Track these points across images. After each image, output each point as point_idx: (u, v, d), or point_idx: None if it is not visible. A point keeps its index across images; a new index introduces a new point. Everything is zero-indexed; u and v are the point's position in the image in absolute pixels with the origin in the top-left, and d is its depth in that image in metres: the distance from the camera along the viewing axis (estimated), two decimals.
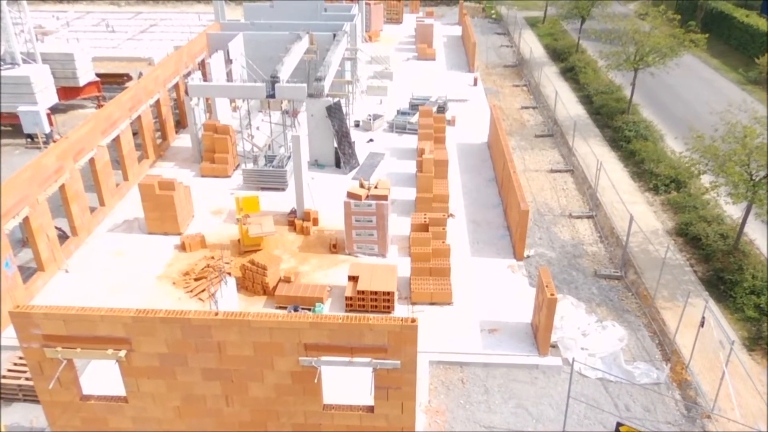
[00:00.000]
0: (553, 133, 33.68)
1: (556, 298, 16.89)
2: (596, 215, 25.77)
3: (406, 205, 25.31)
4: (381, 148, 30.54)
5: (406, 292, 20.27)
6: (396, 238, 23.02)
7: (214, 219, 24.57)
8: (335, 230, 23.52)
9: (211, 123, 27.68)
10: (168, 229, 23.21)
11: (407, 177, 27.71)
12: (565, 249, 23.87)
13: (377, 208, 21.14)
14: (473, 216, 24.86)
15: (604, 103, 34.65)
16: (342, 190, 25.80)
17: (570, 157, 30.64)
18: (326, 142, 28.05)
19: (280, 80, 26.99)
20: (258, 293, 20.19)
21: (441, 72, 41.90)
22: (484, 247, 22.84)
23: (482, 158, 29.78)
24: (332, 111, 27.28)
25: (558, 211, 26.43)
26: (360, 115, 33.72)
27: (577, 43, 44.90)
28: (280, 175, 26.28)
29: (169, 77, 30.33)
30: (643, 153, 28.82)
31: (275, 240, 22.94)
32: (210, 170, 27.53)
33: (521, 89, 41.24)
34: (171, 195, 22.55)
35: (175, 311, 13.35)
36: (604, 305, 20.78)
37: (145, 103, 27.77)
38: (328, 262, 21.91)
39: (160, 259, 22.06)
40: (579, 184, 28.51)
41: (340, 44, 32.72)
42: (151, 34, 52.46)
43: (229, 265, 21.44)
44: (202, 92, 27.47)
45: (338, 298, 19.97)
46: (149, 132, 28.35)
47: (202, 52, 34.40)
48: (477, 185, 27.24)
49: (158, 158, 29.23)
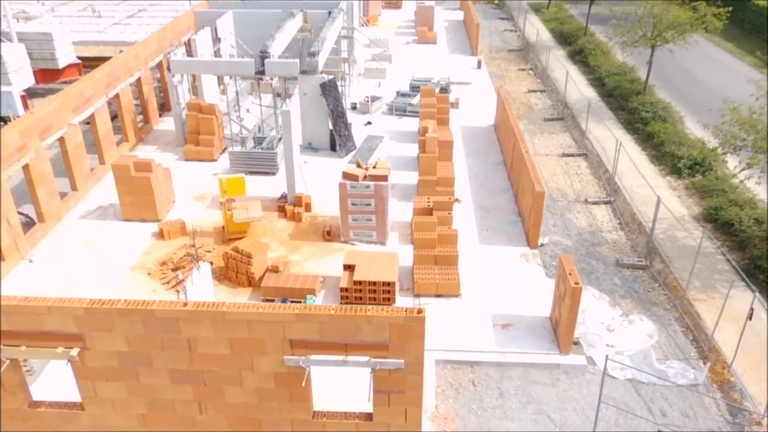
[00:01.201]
0: (563, 116, 31.56)
1: (581, 287, 14.76)
2: (614, 201, 23.64)
3: (407, 190, 23.17)
4: (380, 132, 28.40)
5: (409, 283, 18.14)
6: (396, 224, 20.88)
7: (197, 205, 22.40)
8: (329, 217, 21.38)
9: (196, 102, 25.52)
10: (145, 216, 21.04)
11: (408, 161, 25.57)
12: (582, 237, 21.75)
13: (376, 190, 19.00)
14: (481, 201, 22.72)
15: (617, 84, 32.55)
16: (337, 175, 23.74)
17: (583, 140, 28.52)
18: (320, 123, 25.90)
19: (271, 56, 24.85)
20: (242, 284, 18.06)
21: (443, 55, 39.74)
22: (494, 235, 20.71)
23: (488, 142, 27.65)
24: (327, 89, 25.12)
25: (572, 197, 24.31)
26: (357, 98, 31.56)
27: (585, 25, 42.75)
28: (270, 158, 24.12)
29: (151, 55, 28.14)
30: (663, 135, 26.71)
31: (263, 227, 20.80)
32: (194, 153, 25.36)
33: (527, 73, 39.13)
34: (148, 177, 20.38)
35: (136, 302, 11.21)
36: (628, 297, 18.66)
37: (124, 81, 25.59)
38: (321, 250, 19.78)
39: (136, 247, 19.90)
40: (594, 168, 26.38)
41: (336, 21, 30.56)
42: (139, 19, 50.00)
43: (211, 253, 19.30)
44: (185, 68, 25.30)
45: (332, 289, 17.83)
46: (129, 113, 26.16)
47: (189, 30, 32.24)
48: (484, 169, 25.10)
49: (139, 141, 27.05)
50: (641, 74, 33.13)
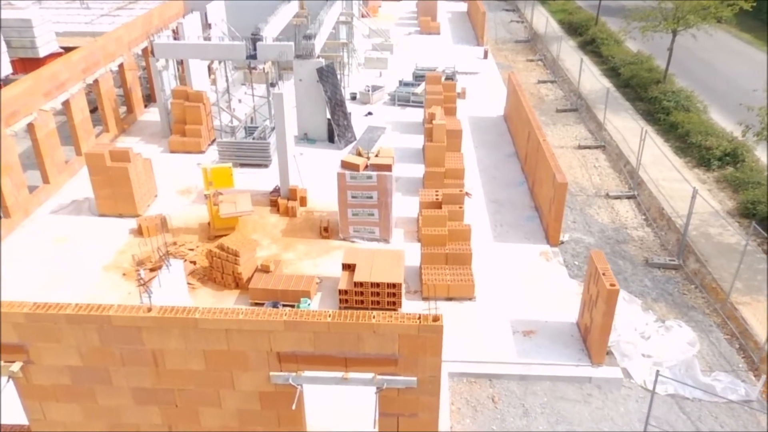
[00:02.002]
0: (576, 107, 29.56)
1: (617, 290, 12.75)
2: (638, 195, 21.64)
3: (412, 184, 21.16)
4: (381, 122, 26.35)
5: (416, 285, 16.12)
6: (401, 220, 18.87)
7: (182, 199, 20.37)
8: (327, 212, 19.38)
9: (182, 89, 23.50)
10: (123, 210, 19.02)
11: (412, 152, 23.57)
12: (605, 234, 19.74)
13: (379, 181, 16.99)
14: (493, 195, 20.70)
15: (633, 74, 30.55)
16: (335, 167, 21.78)
17: (600, 132, 26.52)
18: (317, 111, 23.90)
19: (263, 39, 22.87)
20: (229, 286, 16.04)
21: (447, 45, 37.77)
22: (510, 231, 18.68)
23: (498, 132, 25.63)
24: (324, 74, 23.12)
25: (592, 191, 22.30)
26: (357, 87, 29.56)
27: (596, 15, 40.78)
28: (262, 149, 22.10)
29: (135, 40, 26.16)
30: (688, 125, 24.71)
31: (253, 222, 18.79)
32: (180, 145, 23.33)
33: (536, 64, 37.15)
34: (125, 167, 18.36)
35: (89, 306, 9.18)
36: (662, 300, 16.65)
37: (104, 67, 23.58)
38: (317, 248, 17.76)
39: (111, 245, 17.87)
40: (613, 161, 24.38)
41: (334, 6, 28.60)
42: (129, 10, 48.10)
43: (194, 251, 17.27)
44: (170, 52, 23.30)
45: (330, 292, 15.82)
46: (110, 101, 24.15)
47: (178, 16, 30.23)
48: (495, 161, 23.08)
49: (121, 132, 25.03)
50: (659, 63, 31.17)
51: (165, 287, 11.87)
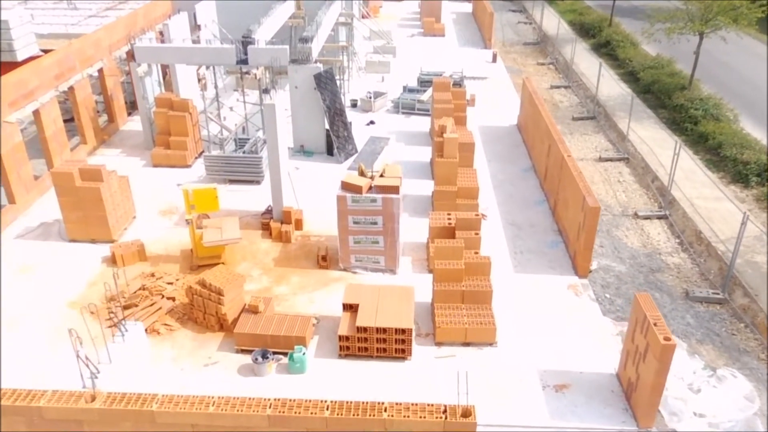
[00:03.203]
0: (594, 115, 27.48)
1: (673, 345, 10.66)
2: (670, 215, 19.56)
3: (419, 203, 19.07)
4: (384, 132, 24.28)
5: (428, 326, 14.02)
6: (408, 246, 16.77)
7: (163, 221, 18.26)
8: (325, 236, 17.28)
9: (166, 97, 21.38)
10: (96, 235, 16.91)
11: (419, 166, 21.46)
12: (637, 260, 17.66)
13: (384, 205, 14.89)
14: (511, 216, 18.59)
15: (654, 79, 28.50)
16: (335, 185, 19.71)
17: (622, 142, 24.43)
18: (314, 121, 21.79)
19: (256, 42, 20.79)
20: (212, 328, 13.92)
21: (452, 48, 35.65)
22: (532, 259, 16.56)
23: (512, 143, 23.52)
24: (322, 81, 21.02)
25: (618, 210, 20.24)
26: (358, 94, 27.47)
27: (610, 16, 38.68)
28: (253, 164, 20.00)
29: (116, 43, 24.04)
30: (720, 136, 22.65)
31: (242, 249, 16.68)
32: (164, 158, 21.21)
33: (547, 68, 35.10)
34: (97, 188, 16.24)
35: (16, 392, 7.06)
36: (708, 342, 14.58)
37: (80, 72, 21.47)
38: (314, 280, 15.64)
39: (81, 276, 15.76)
40: (638, 175, 22.30)
41: (333, 6, 26.51)
42: (118, 11, 45.95)
43: (173, 285, 15.14)
44: (153, 56, 21.17)
45: (329, 334, 13.71)
46: (88, 110, 22.04)
47: (165, 17, 28.12)
48: (510, 177, 20.97)
49: (101, 144, 22.91)
50: (681, 67, 29.12)
51: (119, 361, 9.71)
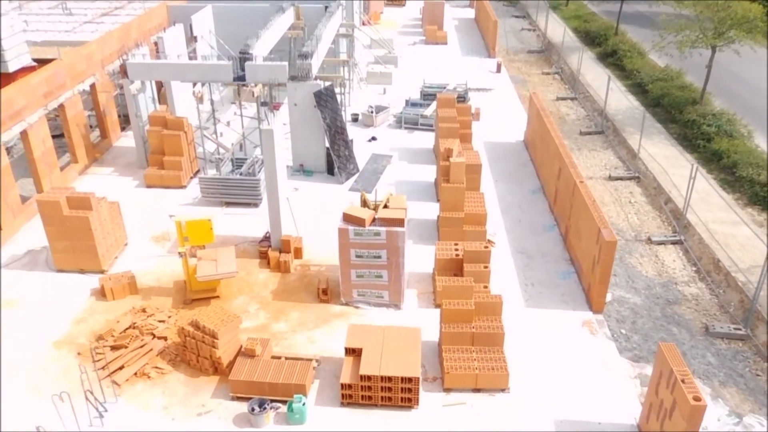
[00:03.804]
0: (603, 129, 26.67)
1: (704, 406, 9.86)
2: (685, 240, 18.76)
3: (424, 228, 18.24)
4: (386, 149, 23.48)
5: (435, 369, 13.21)
6: (413, 277, 15.94)
7: (156, 248, 17.43)
8: (326, 266, 16.47)
9: (160, 115, 20.55)
10: (84, 265, 16.09)
11: (423, 188, 20.63)
12: (652, 291, 16.86)
13: (389, 238, 14.07)
14: (520, 243, 17.76)
15: (664, 92, 27.68)
16: (336, 205, 18.95)
17: (632, 160, 23.62)
18: (314, 140, 20.97)
19: (253, 58, 19.97)
20: (206, 371, 13.11)
21: (455, 57, 34.81)
22: (543, 293, 15.74)
23: (520, 162, 22.67)
24: (323, 98, 20.20)
25: (630, 234, 19.43)
26: (359, 107, 26.65)
27: (616, 24, 37.83)
28: (251, 186, 19.18)
29: (109, 57, 23.19)
30: (734, 155, 21.85)
31: (239, 280, 15.85)
32: (157, 179, 20.38)
33: (552, 78, 34.28)
34: (86, 218, 15.41)
35: None
36: (732, 384, 13.79)
37: (72, 89, 20.63)
38: (315, 316, 14.82)
39: (68, 311, 14.94)
40: (651, 195, 21.49)
41: (333, 17, 25.67)
42: (114, 17, 45.10)
43: (165, 323, 14.32)
44: (146, 73, 20.34)
45: (330, 378, 12.90)
46: (79, 128, 21.19)
47: (160, 28, 27.31)
48: (518, 199, 20.14)
49: (92, 162, 22.06)
50: (690, 79, 28.31)
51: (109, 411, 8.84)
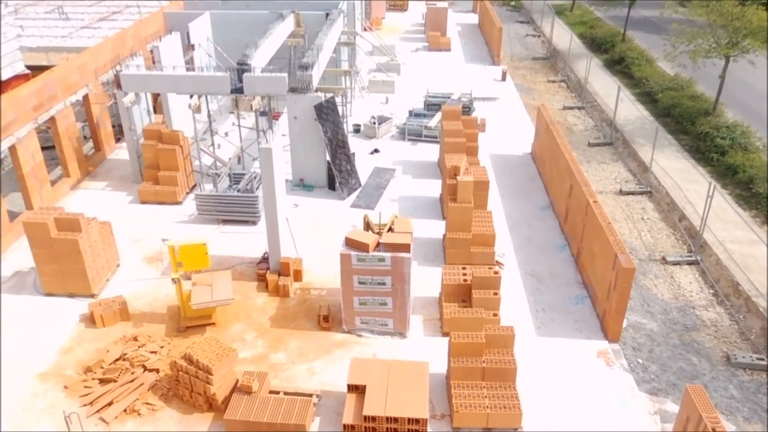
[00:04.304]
0: (612, 140, 25.92)
1: None
2: (701, 260, 18.00)
3: (430, 248, 17.48)
4: (389, 162, 22.74)
5: (443, 405, 12.46)
6: (419, 302, 15.17)
7: (149, 270, 16.67)
8: (327, 289, 15.72)
9: (155, 128, 19.81)
10: (74, 289, 15.35)
11: (428, 204, 19.87)
12: (669, 316, 16.10)
13: (394, 264, 13.31)
14: (529, 264, 17.00)
15: (675, 102, 26.95)
16: (337, 223, 18.29)
17: (644, 173, 22.87)
18: (315, 154, 20.24)
19: (251, 68, 19.22)
20: (200, 408, 12.35)
21: (459, 65, 34.06)
22: (555, 319, 14.97)
23: (527, 176, 21.91)
24: (323, 112, 19.46)
25: (644, 254, 18.68)
26: (361, 117, 25.91)
27: (623, 31, 37.09)
28: (249, 203, 18.43)
29: (103, 67, 22.45)
30: (750, 169, 21.10)
31: (236, 305, 15.08)
32: (152, 194, 19.63)
33: (558, 86, 33.55)
34: (75, 240, 14.66)
35: None
36: (756, 420, 13.02)
37: (63, 101, 19.89)
38: (315, 345, 14.07)
39: (55, 339, 14.19)
40: (664, 212, 20.74)
41: (335, 25, 24.93)
42: (112, 21, 44.27)
43: (157, 354, 13.56)
44: (140, 85, 19.57)
45: (331, 416, 12.15)
46: (71, 141, 20.46)
47: (157, 35, 26.59)
48: (527, 216, 19.37)
49: (85, 176, 21.31)
50: (702, 88, 27.56)
51: None
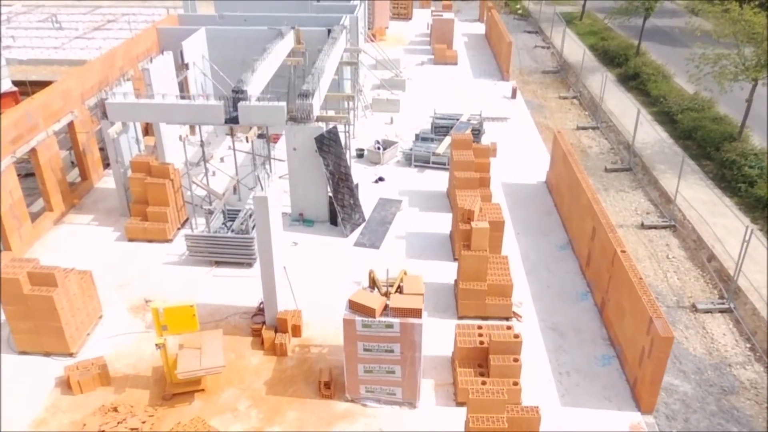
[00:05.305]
0: (630, 166, 24.48)
1: None
2: (735, 308, 16.58)
3: (440, 295, 16.02)
4: (395, 191, 21.33)
5: None
6: (429, 362, 13.73)
7: (134, 322, 15.27)
8: (328, 346, 14.32)
9: (143, 160, 18.38)
10: (50, 347, 13.97)
11: (437, 241, 18.46)
12: (703, 376, 14.67)
13: (403, 331, 11.91)
14: (550, 316, 15.56)
15: (696, 124, 25.49)
16: (339, 264, 16.97)
17: (666, 205, 21.44)
18: (315, 188, 18.84)
19: (248, 96, 17.81)
20: None
21: (467, 80, 32.62)
22: (581, 384, 13.53)
23: (543, 208, 20.46)
24: (325, 144, 18.06)
25: (672, 299, 17.24)
26: (364, 140, 24.50)
27: (638, 43, 35.61)
28: (244, 245, 17.02)
29: (90, 90, 21.05)
30: None
31: (228, 367, 13.61)
32: (140, 232, 18.22)
33: (571, 102, 32.12)
34: (50, 296, 13.28)
35: None
36: None
37: (45, 131, 18.51)
38: (315, 417, 12.66)
39: (27, 408, 12.79)
40: (690, 249, 19.31)
41: (337, 43, 23.51)
42: (106, 31, 43.01)
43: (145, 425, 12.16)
44: (127, 114, 18.13)
45: None
46: (54, 172, 19.07)
47: (150, 53, 25.17)
48: (544, 257, 17.91)
49: (70, 209, 19.91)
50: (725, 110, 26.10)
51: None
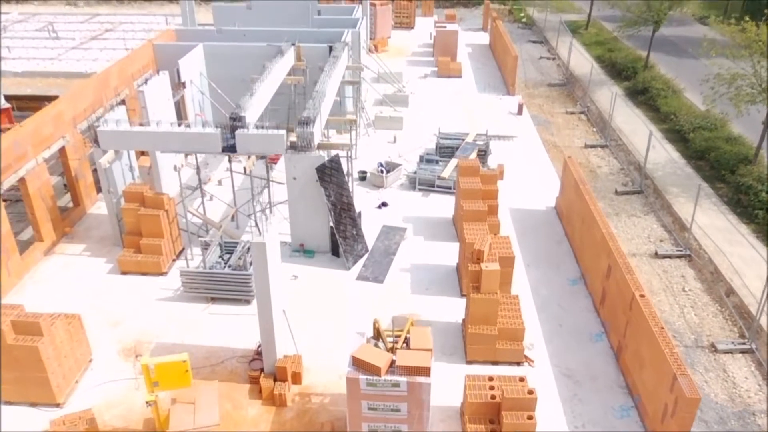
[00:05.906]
0: (641, 188, 23.69)
1: None
2: (758, 349, 15.79)
3: (447, 335, 15.25)
4: (399, 218, 20.56)
5: None
6: (436, 412, 12.94)
7: (125, 367, 14.50)
8: (330, 395, 13.55)
9: (137, 191, 17.59)
10: (36, 398, 13.22)
11: (443, 274, 17.69)
12: (726, 425, 13.90)
13: (411, 390, 11.15)
14: (563, 360, 14.79)
15: (709, 145, 24.71)
16: (342, 300, 16.21)
17: (680, 232, 20.65)
18: (316, 218, 18.07)
19: (246, 123, 17.06)
20: None
21: (471, 94, 31.82)
22: None
23: (553, 237, 19.66)
24: (326, 174, 17.29)
25: (690, 338, 16.46)
26: (366, 161, 23.72)
27: (647, 56, 34.79)
28: (241, 282, 16.24)
29: (83, 113, 20.28)
30: None
31: (224, 418, 12.91)
32: (134, 265, 17.45)
33: (578, 118, 31.31)
34: (35, 347, 12.52)
35: None
36: None
37: (35, 158, 17.75)
38: None
39: None
40: (707, 282, 18.52)
41: (338, 62, 22.73)
42: (103, 41, 42.32)
43: None
44: (120, 142, 17.38)
45: None
46: (44, 201, 18.30)
47: (146, 70, 24.40)
48: (556, 292, 17.13)
49: (61, 237, 19.15)
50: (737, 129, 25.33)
51: None
